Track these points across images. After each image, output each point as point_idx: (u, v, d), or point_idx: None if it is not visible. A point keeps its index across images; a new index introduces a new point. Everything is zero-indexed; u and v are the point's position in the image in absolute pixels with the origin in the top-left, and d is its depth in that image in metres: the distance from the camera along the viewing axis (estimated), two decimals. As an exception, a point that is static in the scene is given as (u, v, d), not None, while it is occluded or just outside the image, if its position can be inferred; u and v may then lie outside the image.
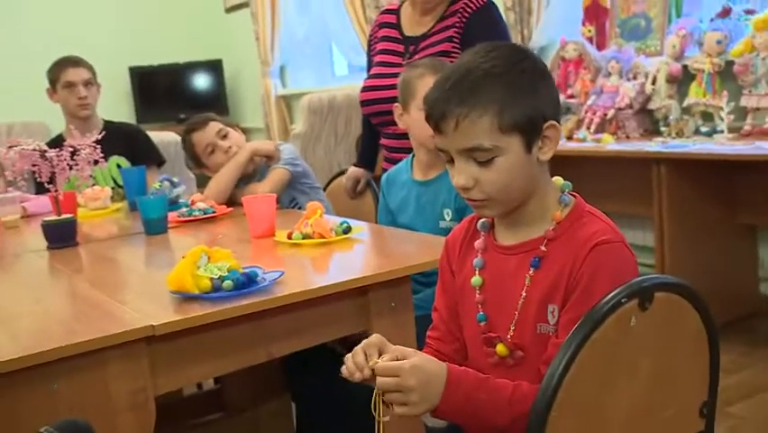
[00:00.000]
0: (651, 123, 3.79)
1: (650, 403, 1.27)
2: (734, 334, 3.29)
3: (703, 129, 3.50)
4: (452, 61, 2.51)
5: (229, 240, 2.19)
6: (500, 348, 1.33)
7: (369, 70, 2.94)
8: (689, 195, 3.34)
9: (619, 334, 1.18)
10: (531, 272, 1.30)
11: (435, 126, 1.28)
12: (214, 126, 2.80)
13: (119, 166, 3.29)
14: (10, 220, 2.81)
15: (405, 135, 2.32)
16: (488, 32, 2.58)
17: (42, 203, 2.97)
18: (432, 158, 2.23)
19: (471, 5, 2.65)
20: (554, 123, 1.28)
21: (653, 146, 3.37)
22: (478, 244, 1.39)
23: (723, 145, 3.19)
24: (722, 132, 3.34)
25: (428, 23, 2.72)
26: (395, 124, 2.33)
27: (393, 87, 2.34)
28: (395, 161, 2.52)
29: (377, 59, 2.84)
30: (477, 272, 1.38)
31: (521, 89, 1.25)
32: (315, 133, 5.24)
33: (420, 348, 1.53)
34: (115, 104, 6.14)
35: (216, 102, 7.07)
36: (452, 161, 1.29)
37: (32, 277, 2.10)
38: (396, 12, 2.86)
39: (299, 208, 2.70)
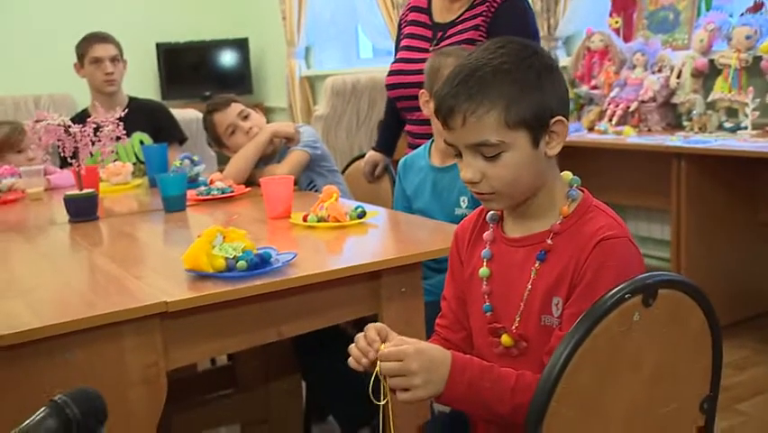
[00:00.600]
0: (674, 117, 3.77)
1: (651, 398, 1.28)
2: (748, 331, 3.29)
3: (727, 125, 3.47)
4: None
5: (245, 220, 2.21)
6: (505, 339, 1.35)
7: (396, 52, 2.93)
8: (708, 191, 3.32)
9: (622, 329, 1.19)
10: (537, 265, 1.31)
11: (444, 122, 1.28)
12: (236, 107, 2.81)
13: (141, 142, 3.33)
14: (34, 192, 2.84)
15: (429, 122, 2.32)
16: (515, 22, 2.59)
17: (65, 176, 3.01)
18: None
19: None
20: (561, 118, 1.28)
21: (674, 141, 3.35)
22: (486, 235, 1.40)
23: (746, 142, 3.16)
24: (746, 128, 3.32)
25: (457, 11, 2.71)
26: (419, 109, 2.34)
27: (420, 72, 2.34)
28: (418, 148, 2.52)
29: (404, 42, 2.84)
30: (485, 264, 1.39)
31: (528, 85, 1.25)
32: (338, 115, 5.24)
33: (429, 334, 1.56)
34: (141, 80, 6.16)
35: (241, 81, 7.08)
36: (460, 155, 1.30)
37: (52, 249, 2.14)
38: None
39: (317, 191, 2.71)
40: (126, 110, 2.61)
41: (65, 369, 1.42)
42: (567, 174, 1.37)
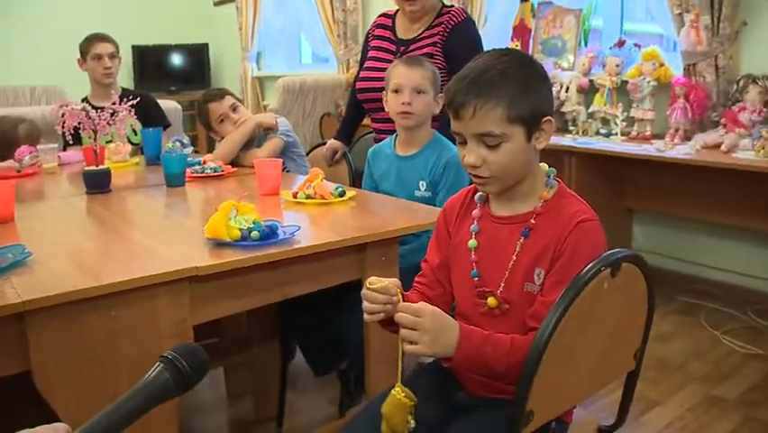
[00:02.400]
0: (562, 122, 3.80)
1: (607, 349, 1.27)
2: None
3: (602, 131, 3.59)
4: (435, 62, 2.45)
5: (236, 196, 2.08)
6: (491, 300, 1.29)
7: (362, 61, 2.83)
8: (589, 180, 3.38)
9: (595, 295, 1.16)
10: (522, 240, 1.26)
11: (455, 113, 1.22)
12: (228, 100, 2.67)
13: (131, 126, 3.12)
14: (50, 167, 2.64)
15: (391, 120, 2.24)
16: (466, 41, 2.54)
17: (71, 155, 2.81)
18: (409, 136, 2.17)
19: (454, 19, 2.59)
20: (550, 118, 1.25)
21: (567, 141, 3.41)
22: (475, 213, 1.34)
23: (616, 145, 3.29)
24: (616, 134, 3.45)
25: (418, 30, 2.64)
26: (383, 110, 2.25)
27: (384, 79, 2.25)
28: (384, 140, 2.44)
29: (371, 53, 2.74)
30: (473, 236, 1.33)
31: (528, 88, 1.21)
32: (287, 109, 5.09)
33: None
34: (120, 75, 5.87)
35: (201, 79, 6.82)
36: (464, 142, 1.24)
37: (78, 218, 1.96)
38: (392, 17, 2.76)
39: (288, 172, 2.60)
40: (124, 98, 2.44)
41: (110, 324, 1.30)
42: (544, 166, 1.33)
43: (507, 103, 1.19)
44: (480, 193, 1.35)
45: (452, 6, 2.66)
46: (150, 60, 6.75)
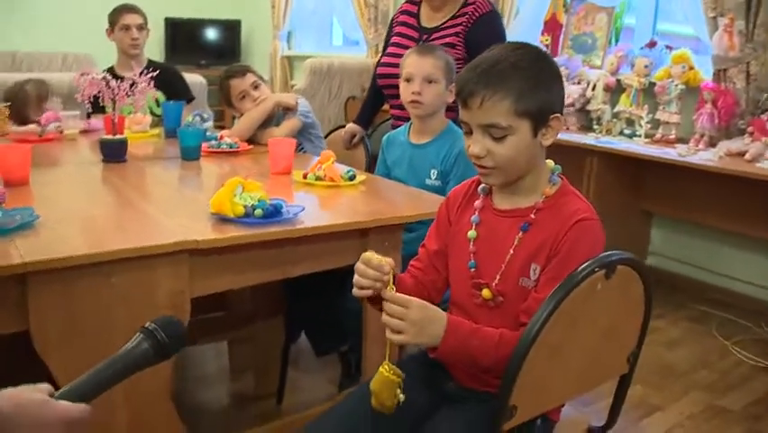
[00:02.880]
0: (587, 120, 3.77)
1: (599, 350, 1.26)
2: None
3: (626, 131, 3.55)
4: (455, 52, 2.45)
5: (251, 173, 2.10)
6: (486, 292, 1.29)
7: (385, 47, 2.83)
8: (609, 181, 3.37)
9: (587, 295, 1.16)
10: (520, 235, 1.26)
11: (464, 102, 1.22)
12: (251, 77, 2.67)
13: (156, 100, 3.16)
14: (71, 133, 2.67)
15: None
16: (489, 32, 2.50)
17: (93, 124, 2.85)
18: (422, 125, 2.17)
19: (479, 10, 2.57)
20: (559, 115, 1.24)
21: (589, 140, 3.38)
22: (477, 203, 1.34)
23: (639, 146, 3.24)
24: (640, 136, 3.41)
25: (441, 19, 2.63)
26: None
27: None
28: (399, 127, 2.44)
29: (394, 40, 2.74)
30: (473, 227, 1.32)
31: (538, 84, 1.20)
32: (314, 90, 5.11)
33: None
34: (150, 46, 5.91)
35: (232, 55, 6.83)
36: (470, 132, 1.24)
37: (91, 185, 1.99)
38: (418, 4, 2.75)
39: (304, 152, 2.62)
40: (144, 70, 2.46)
41: (108, 291, 1.32)
42: (550, 162, 1.32)
43: (515, 96, 1.18)
44: (484, 185, 1.35)
45: None
46: (181, 33, 6.78)
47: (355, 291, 1.21)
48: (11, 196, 1.69)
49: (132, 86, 2.18)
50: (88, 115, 3.00)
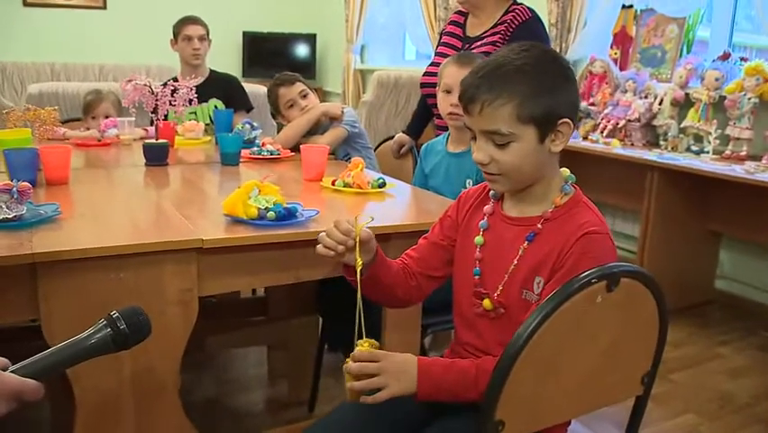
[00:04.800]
0: (653, 136, 3.63)
1: (602, 367, 1.19)
2: (688, 317, 3.25)
3: (693, 148, 3.39)
4: None
5: (285, 179, 2.13)
6: (486, 303, 1.26)
7: (434, 56, 2.83)
8: (672, 199, 3.23)
9: (586, 308, 1.09)
10: (525, 245, 1.21)
11: (465, 108, 1.19)
12: (299, 86, 2.72)
13: (216, 107, 3.26)
14: (126, 138, 2.78)
15: None
16: (529, 39, 2.45)
17: (152, 131, 2.94)
18: (460, 134, 2.14)
19: (519, 18, 2.53)
20: (568, 121, 1.18)
21: (651, 156, 3.24)
22: (487, 208, 1.30)
23: (706, 163, 3.08)
24: (708, 152, 3.26)
25: (484, 28, 2.60)
26: None
27: None
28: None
29: (439, 49, 2.75)
30: (481, 233, 1.29)
31: (542, 87, 1.15)
32: (380, 102, 5.12)
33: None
34: (228, 59, 6.22)
35: (308, 68, 6.97)
36: (475, 138, 1.21)
37: (124, 186, 2.06)
38: (465, 14, 2.74)
39: (349, 162, 2.63)
40: (205, 78, 2.54)
41: (117, 286, 1.36)
42: (565, 171, 1.27)
43: (518, 101, 1.14)
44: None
45: (521, 4, 2.59)
46: (259, 47, 6.97)
47: (318, 248, 1.21)
48: (49, 194, 1.78)
49: (173, 92, 2.25)
50: (151, 122, 3.13)
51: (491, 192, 1.32)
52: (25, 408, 0.83)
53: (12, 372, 0.83)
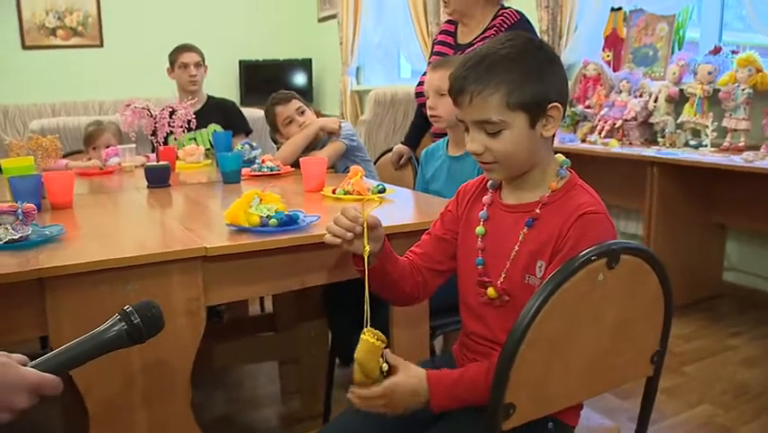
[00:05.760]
0: (650, 134, 3.65)
1: (609, 348, 1.19)
2: (698, 311, 3.24)
3: (692, 142, 3.40)
4: None
5: (286, 191, 2.15)
6: (491, 291, 1.27)
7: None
8: (674, 194, 3.23)
9: (588, 286, 1.10)
10: (525, 231, 1.23)
11: (454, 100, 1.21)
12: (295, 103, 2.76)
13: (215, 131, 3.29)
14: (128, 165, 2.81)
15: None
16: None
17: (153, 158, 2.98)
18: (459, 138, 2.16)
19: (508, 21, 2.57)
20: (558, 104, 1.19)
21: (650, 152, 3.27)
22: (485, 199, 1.32)
23: (705, 156, 3.09)
24: (706, 146, 3.27)
25: (474, 34, 2.65)
26: None
27: None
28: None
29: (431, 59, 2.78)
30: (481, 223, 1.30)
31: (530, 74, 1.17)
32: (379, 121, 5.16)
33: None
34: (226, 88, 6.27)
35: (305, 93, 6.98)
36: (467, 129, 1.23)
37: (127, 207, 2.08)
38: (455, 23, 2.79)
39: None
40: (203, 105, 2.56)
41: (124, 298, 1.36)
42: (560, 156, 1.28)
43: (506, 89, 1.15)
44: (493, 180, 1.32)
45: (508, 8, 2.63)
46: (255, 75, 7.06)
47: (326, 237, 1.24)
48: (54, 218, 1.80)
49: (171, 114, 2.28)
50: (152, 149, 3.16)
51: (489, 182, 1.34)
52: (44, 402, 0.84)
53: (31, 367, 0.85)
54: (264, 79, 7.10)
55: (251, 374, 2.76)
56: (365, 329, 1.17)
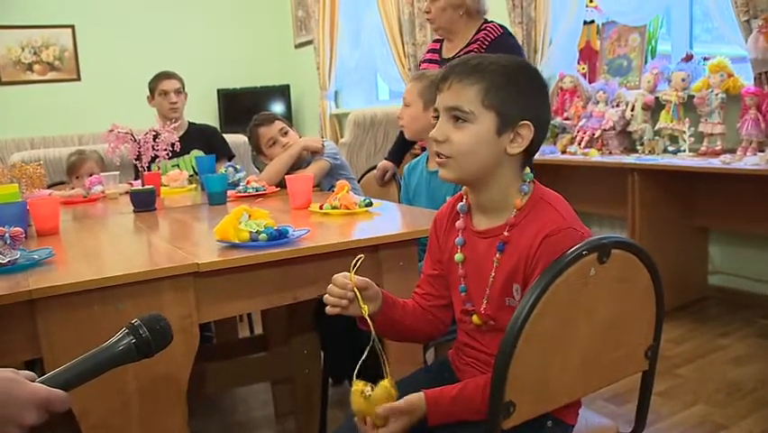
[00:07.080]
0: (629, 142, 3.70)
1: (604, 342, 1.20)
2: (685, 314, 3.28)
3: (670, 148, 3.46)
4: None
5: (273, 209, 2.13)
6: (475, 318, 1.28)
7: None
8: (655, 199, 3.27)
9: (580, 281, 1.11)
10: (497, 256, 1.22)
11: (438, 88, 1.23)
12: (278, 124, 2.79)
13: (197, 156, 3.29)
14: (112, 192, 2.80)
15: None
16: (503, 53, 2.55)
17: (136, 184, 2.97)
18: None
19: (491, 35, 2.62)
20: (529, 124, 1.18)
21: (630, 159, 3.32)
22: (458, 224, 1.31)
23: (681, 160, 3.16)
24: (684, 151, 3.33)
25: (457, 48, 2.69)
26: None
27: None
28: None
29: None
30: (459, 250, 1.30)
31: (512, 84, 1.18)
32: (359, 142, 5.17)
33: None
34: (205, 117, 6.22)
35: (285, 119, 7.06)
36: (437, 118, 1.23)
37: (114, 230, 2.07)
38: (441, 40, 2.85)
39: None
40: (185, 131, 2.56)
41: (116, 317, 1.36)
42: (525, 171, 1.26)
43: (486, 86, 1.17)
44: (462, 203, 1.31)
45: (491, 23, 2.68)
46: (234, 102, 7.06)
47: (327, 309, 1.23)
48: (41, 243, 1.79)
49: (155, 138, 2.28)
50: (136, 176, 3.15)
51: (459, 206, 1.32)
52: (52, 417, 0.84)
53: (39, 383, 0.84)
54: (243, 107, 7.09)
55: (245, 398, 2.73)
56: (387, 378, 1.18)
